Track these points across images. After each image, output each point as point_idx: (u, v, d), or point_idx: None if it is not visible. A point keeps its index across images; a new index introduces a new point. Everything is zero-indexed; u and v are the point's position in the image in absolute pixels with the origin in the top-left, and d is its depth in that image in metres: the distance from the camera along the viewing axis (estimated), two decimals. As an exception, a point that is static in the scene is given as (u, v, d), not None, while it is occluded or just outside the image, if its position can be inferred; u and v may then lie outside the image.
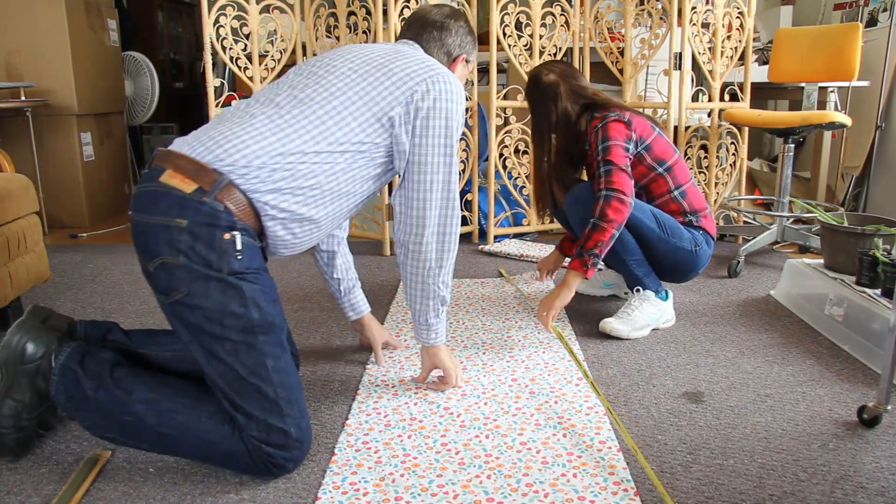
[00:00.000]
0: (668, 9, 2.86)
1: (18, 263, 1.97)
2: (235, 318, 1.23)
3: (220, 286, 1.22)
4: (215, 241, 1.22)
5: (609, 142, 1.90)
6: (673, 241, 1.95)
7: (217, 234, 1.22)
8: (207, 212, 1.22)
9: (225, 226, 1.23)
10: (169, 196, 1.23)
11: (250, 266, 1.26)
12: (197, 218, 1.22)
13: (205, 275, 1.22)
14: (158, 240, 1.22)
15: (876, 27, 3.42)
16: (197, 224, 1.22)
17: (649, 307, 1.97)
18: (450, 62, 1.62)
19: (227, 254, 1.23)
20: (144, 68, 4.15)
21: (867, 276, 1.91)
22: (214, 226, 1.22)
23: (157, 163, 1.29)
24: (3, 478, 1.28)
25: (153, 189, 1.25)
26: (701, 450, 1.36)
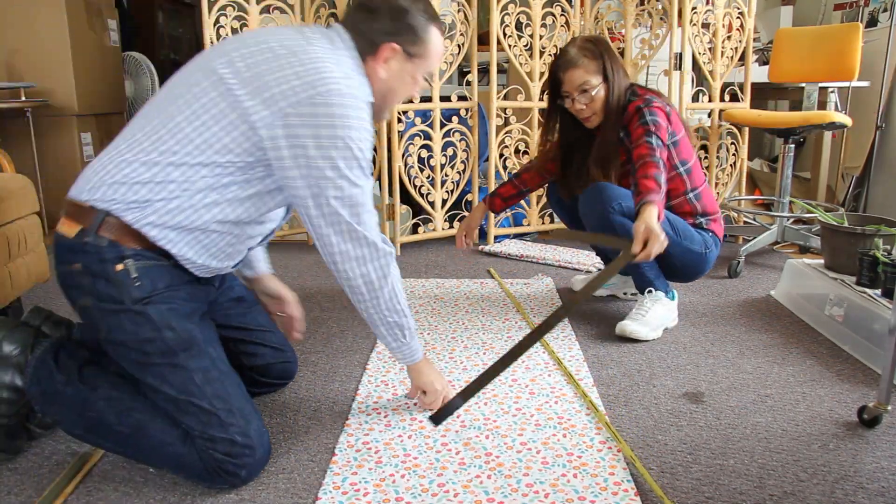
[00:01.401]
0: (669, 9, 2.87)
1: (18, 263, 1.97)
2: (151, 344, 1.21)
3: (128, 316, 1.21)
4: (109, 275, 1.20)
5: (657, 117, 1.82)
6: (685, 244, 1.95)
7: (109, 268, 1.20)
8: (92, 251, 1.21)
9: (113, 258, 1.20)
10: (61, 244, 1.24)
11: (156, 288, 1.23)
12: (87, 259, 1.21)
13: (112, 310, 1.21)
14: (68, 287, 1.25)
15: (876, 27, 3.43)
16: (88, 264, 1.21)
17: (661, 308, 1.97)
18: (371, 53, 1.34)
19: (125, 284, 1.21)
20: (144, 68, 4.15)
21: (867, 277, 1.91)
22: (104, 261, 1.20)
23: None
24: (3, 478, 1.28)
25: (54, 241, 1.27)
26: (701, 450, 1.36)
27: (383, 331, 1.38)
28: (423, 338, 1.95)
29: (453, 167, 3.00)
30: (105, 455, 1.35)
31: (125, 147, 1.24)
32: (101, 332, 1.23)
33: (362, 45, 1.34)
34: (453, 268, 2.71)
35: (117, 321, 1.21)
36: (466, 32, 2.91)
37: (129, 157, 1.22)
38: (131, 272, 1.21)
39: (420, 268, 2.71)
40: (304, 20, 2.92)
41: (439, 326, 2.05)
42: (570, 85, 1.90)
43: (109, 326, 1.22)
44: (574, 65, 1.88)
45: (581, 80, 1.88)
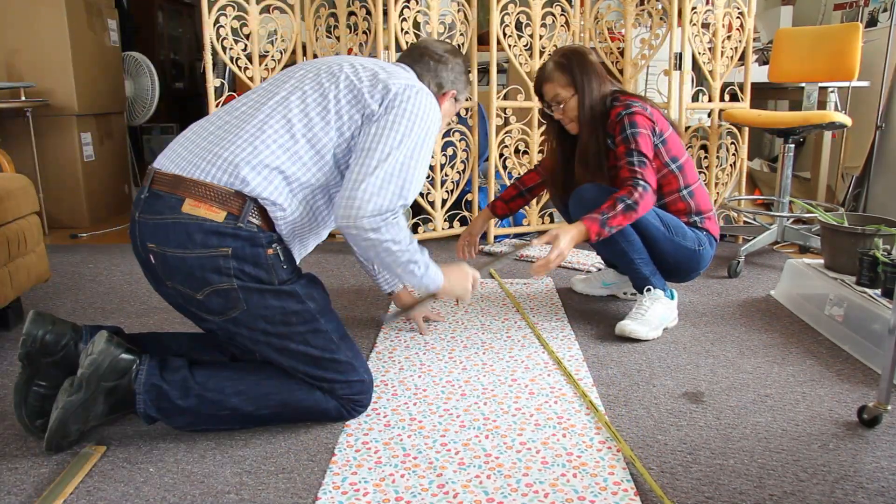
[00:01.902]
0: (669, 9, 2.87)
1: (18, 263, 1.97)
2: (297, 315, 1.36)
3: (275, 295, 1.33)
4: (260, 259, 1.32)
5: (637, 128, 1.88)
6: (677, 240, 1.95)
7: (261, 253, 1.32)
8: (246, 235, 1.30)
9: (265, 243, 1.32)
10: (202, 227, 1.29)
11: (294, 267, 1.39)
12: (237, 244, 1.30)
13: (258, 289, 1.32)
14: (204, 271, 1.29)
15: (876, 27, 3.43)
16: (240, 248, 1.30)
17: (660, 307, 1.97)
18: (439, 94, 1.63)
19: (275, 267, 1.33)
20: (144, 68, 4.15)
21: (867, 277, 1.91)
22: (256, 245, 1.31)
23: (167, 189, 1.32)
24: (3, 478, 1.28)
25: (180, 222, 1.29)
26: (701, 450, 1.36)
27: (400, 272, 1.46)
28: (423, 337, 1.95)
29: (453, 167, 3.00)
30: (105, 455, 1.35)
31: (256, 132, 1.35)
32: (235, 310, 1.32)
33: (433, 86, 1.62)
34: (453, 268, 2.71)
35: (262, 299, 1.32)
36: (466, 32, 2.91)
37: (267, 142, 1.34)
38: (280, 256, 1.35)
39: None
40: (304, 20, 2.92)
41: (439, 326, 2.05)
42: (547, 97, 2.01)
43: (251, 305, 1.32)
44: (548, 79, 1.99)
45: (553, 93, 1.98)
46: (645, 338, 1.93)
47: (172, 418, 1.36)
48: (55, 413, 1.30)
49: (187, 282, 1.31)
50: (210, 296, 1.31)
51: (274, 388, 1.39)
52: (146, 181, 1.38)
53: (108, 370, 1.31)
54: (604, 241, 1.91)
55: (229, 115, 1.42)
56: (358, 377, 1.44)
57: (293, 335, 1.36)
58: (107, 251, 3.04)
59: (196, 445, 1.38)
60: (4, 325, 2.03)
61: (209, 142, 1.37)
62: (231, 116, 1.41)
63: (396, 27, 2.71)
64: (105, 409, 1.33)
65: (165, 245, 1.30)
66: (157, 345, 1.50)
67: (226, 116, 1.42)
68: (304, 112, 1.38)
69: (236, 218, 1.30)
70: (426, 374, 1.71)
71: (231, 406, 1.36)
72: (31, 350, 1.34)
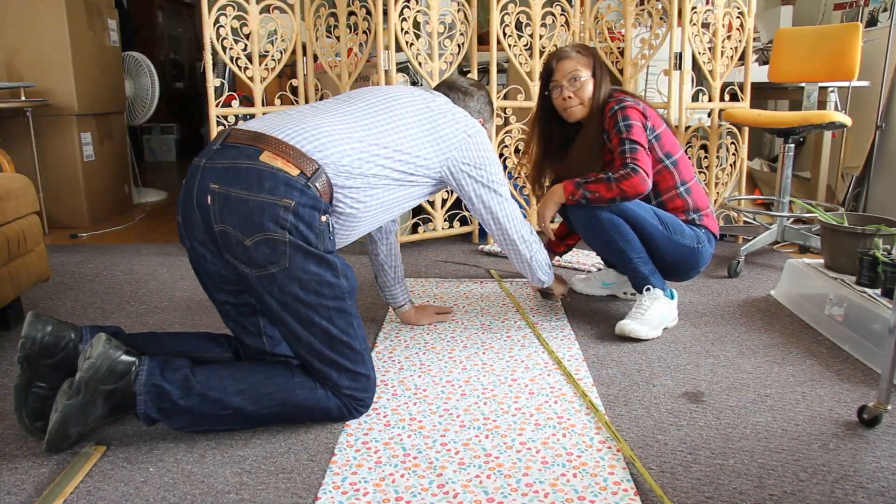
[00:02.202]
0: (668, 9, 2.86)
1: (18, 263, 1.97)
2: (330, 287, 1.39)
3: (317, 260, 1.37)
4: (314, 222, 1.37)
5: (630, 120, 1.91)
6: (675, 238, 1.95)
7: (316, 217, 1.37)
8: (312, 195, 1.37)
9: (323, 210, 1.39)
10: (275, 176, 1.34)
11: (338, 243, 1.48)
12: (302, 199, 1.35)
13: (305, 250, 1.36)
14: (264, 216, 1.33)
15: (876, 27, 3.43)
16: (301, 205, 1.35)
17: (660, 306, 1.97)
18: None
19: (324, 234, 1.39)
20: (144, 68, 4.16)
21: (867, 276, 1.91)
22: (315, 209, 1.37)
23: (246, 141, 1.40)
24: (3, 478, 1.28)
25: (255, 167, 1.35)
26: (701, 450, 1.36)
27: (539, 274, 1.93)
28: (423, 337, 1.95)
29: (453, 167, 3.00)
30: (105, 455, 1.35)
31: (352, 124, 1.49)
32: (276, 265, 1.34)
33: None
34: (453, 267, 2.71)
35: (304, 261, 1.36)
36: (466, 32, 2.91)
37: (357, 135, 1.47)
38: (330, 226, 1.41)
39: (420, 267, 2.71)
40: (304, 20, 2.92)
41: (439, 326, 2.05)
42: (561, 73, 2.00)
43: (294, 264, 1.35)
44: (567, 56, 2.01)
45: (573, 69, 1.99)
46: (645, 337, 1.93)
47: (174, 419, 1.35)
48: (54, 416, 1.30)
49: (242, 224, 1.33)
50: (259, 243, 1.33)
51: (276, 386, 1.40)
52: (219, 138, 1.44)
53: (106, 373, 1.30)
54: (601, 240, 1.92)
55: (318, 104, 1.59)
56: (365, 371, 1.46)
57: (320, 307, 1.38)
58: (107, 251, 3.04)
59: (196, 445, 1.38)
60: (4, 326, 2.03)
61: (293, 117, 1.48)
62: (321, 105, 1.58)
63: (396, 27, 2.71)
64: (104, 412, 1.33)
65: (232, 185, 1.34)
66: (156, 344, 1.49)
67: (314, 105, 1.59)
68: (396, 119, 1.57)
69: (307, 178, 1.37)
70: (426, 374, 1.71)
71: (233, 405, 1.36)
72: (31, 353, 1.34)
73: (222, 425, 1.41)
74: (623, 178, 1.83)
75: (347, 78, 2.88)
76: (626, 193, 1.84)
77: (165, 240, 3.26)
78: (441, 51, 2.88)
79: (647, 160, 1.87)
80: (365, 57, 2.83)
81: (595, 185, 1.86)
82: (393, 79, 2.73)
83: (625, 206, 1.89)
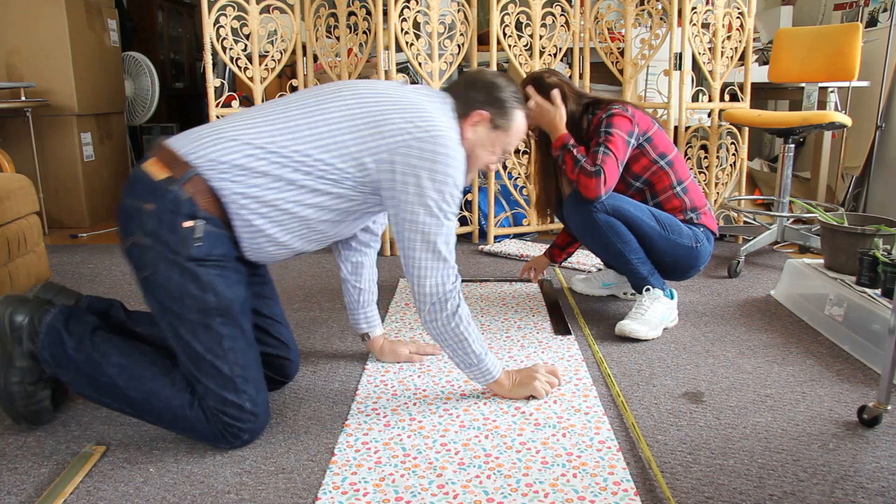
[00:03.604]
0: (668, 9, 2.86)
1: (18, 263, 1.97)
2: (193, 300, 1.31)
3: (179, 270, 1.30)
4: (176, 227, 1.30)
5: (612, 128, 1.90)
6: (673, 238, 1.95)
7: (178, 221, 1.30)
8: (172, 199, 1.30)
9: (186, 214, 1.30)
10: (143, 181, 1.33)
11: (211, 253, 1.32)
12: (162, 204, 1.30)
13: (167, 258, 1.30)
14: (132, 220, 1.32)
15: (876, 27, 3.43)
16: (162, 209, 1.30)
17: (660, 306, 1.97)
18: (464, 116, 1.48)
19: (187, 241, 1.30)
20: (144, 68, 4.16)
21: (867, 276, 1.91)
22: (176, 213, 1.30)
23: (148, 152, 1.39)
24: (3, 478, 1.28)
25: (135, 174, 1.36)
26: (701, 450, 1.36)
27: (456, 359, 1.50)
28: (423, 338, 1.95)
29: (453, 167, 3.00)
30: (105, 455, 1.35)
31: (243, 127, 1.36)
32: (146, 271, 1.32)
33: (459, 109, 1.48)
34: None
35: (167, 269, 1.30)
36: (466, 32, 2.91)
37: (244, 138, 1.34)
38: (196, 232, 1.30)
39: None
40: (304, 20, 2.92)
41: (439, 326, 2.05)
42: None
43: (158, 270, 1.31)
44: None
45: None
46: (645, 337, 1.93)
47: (63, 370, 1.38)
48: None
49: (121, 229, 1.36)
50: (132, 247, 1.34)
51: (150, 374, 1.36)
52: None
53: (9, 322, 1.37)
54: (599, 242, 1.94)
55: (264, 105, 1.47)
56: (236, 399, 1.33)
57: (185, 319, 1.32)
58: (107, 251, 3.04)
59: (196, 445, 1.38)
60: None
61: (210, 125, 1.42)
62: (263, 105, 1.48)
63: (396, 27, 2.71)
64: (29, 363, 1.38)
65: (122, 192, 1.37)
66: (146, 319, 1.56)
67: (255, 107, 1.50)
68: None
69: (173, 181, 1.30)
70: (426, 375, 1.71)
71: (108, 375, 1.35)
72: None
73: (102, 396, 1.38)
74: (584, 173, 1.86)
75: (347, 78, 2.88)
76: (578, 186, 1.88)
77: (165, 240, 3.26)
78: (441, 51, 2.88)
79: (614, 171, 1.87)
80: (365, 57, 2.83)
81: (570, 159, 1.89)
82: (393, 79, 2.73)
83: (621, 207, 1.89)
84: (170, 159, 1.32)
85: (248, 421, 1.34)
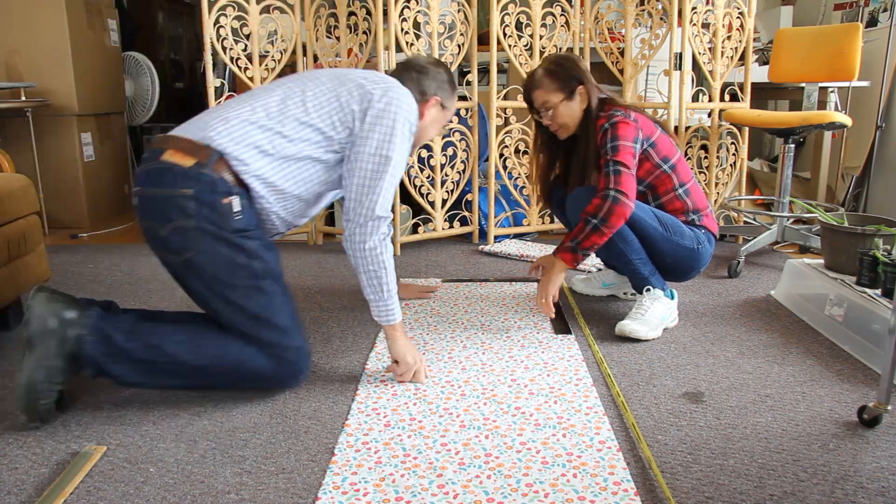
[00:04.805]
0: (669, 9, 2.86)
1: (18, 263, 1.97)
2: (243, 269, 1.48)
3: (225, 243, 1.46)
4: (217, 205, 1.45)
5: (619, 141, 1.89)
6: (675, 239, 1.95)
7: (217, 199, 1.45)
8: (207, 181, 1.45)
9: (223, 191, 1.46)
10: (171, 171, 1.46)
11: (249, 224, 1.50)
12: (199, 186, 1.44)
13: (213, 233, 1.45)
14: (169, 208, 1.44)
15: (876, 27, 3.43)
16: (200, 192, 1.44)
17: (660, 306, 1.97)
18: (422, 101, 1.76)
19: (228, 215, 1.46)
20: (144, 68, 4.15)
21: (867, 277, 1.91)
22: (214, 192, 1.45)
23: (157, 146, 1.52)
24: (3, 478, 1.28)
25: (157, 167, 1.48)
26: (701, 450, 1.36)
27: (363, 279, 1.61)
28: (422, 337, 1.95)
29: (453, 167, 3.00)
30: (105, 455, 1.35)
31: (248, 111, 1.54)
32: (189, 252, 1.46)
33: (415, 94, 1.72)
34: (453, 268, 2.71)
35: (214, 245, 1.45)
36: (466, 32, 2.91)
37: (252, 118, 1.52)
38: (234, 206, 1.47)
39: (420, 268, 2.71)
40: (304, 20, 2.92)
41: (438, 326, 2.05)
42: (537, 102, 2.03)
43: (204, 248, 1.45)
44: (537, 86, 2.01)
45: (542, 100, 2.00)
46: (645, 338, 1.93)
47: (116, 364, 1.44)
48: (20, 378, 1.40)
49: (157, 218, 1.47)
50: (172, 233, 1.45)
51: (211, 339, 1.50)
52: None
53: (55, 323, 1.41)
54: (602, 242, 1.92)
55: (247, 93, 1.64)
56: (290, 340, 1.53)
57: (236, 287, 1.47)
58: (107, 251, 3.04)
59: (196, 445, 1.38)
60: (5, 326, 2.03)
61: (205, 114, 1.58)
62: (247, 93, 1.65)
63: (396, 27, 2.71)
64: (62, 364, 1.42)
65: (145, 186, 1.49)
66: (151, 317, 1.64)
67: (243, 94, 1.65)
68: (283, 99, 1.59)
69: (202, 165, 1.45)
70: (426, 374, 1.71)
71: (170, 353, 1.46)
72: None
73: (160, 378, 1.50)
74: (608, 215, 1.82)
75: (347, 78, 2.88)
76: (617, 227, 1.85)
77: (165, 240, 3.26)
78: (441, 51, 2.88)
79: (629, 182, 1.85)
80: (365, 57, 2.83)
81: (588, 241, 1.85)
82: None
83: None
84: (190, 147, 1.47)
85: (303, 358, 1.55)
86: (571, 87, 1.97)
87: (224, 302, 1.48)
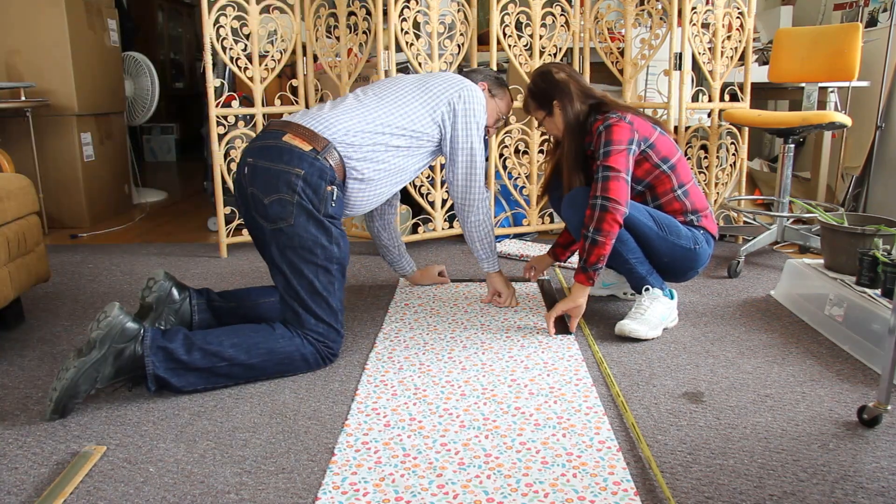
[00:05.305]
0: (668, 9, 2.86)
1: (18, 263, 1.97)
2: (323, 249, 1.69)
3: (316, 223, 1.68)
4: (320, 189, 1.69)
5: (611, 146, 1.89)
6: (671, 239, 1.95)
7: (322, 185, 1.69)
8: (319, 167, 1.70)
9: (328, 179, 1.71)
10: (291, 151, 1.69)
11: (338, 213, 1.75)
12: (311, 170, 1.68)
13: (308, 212, 1.67)
14: (280, 181, 1.67)
15: (876, 27, 3.43)
16: (310, 174, 1.68)
17: (660, 306, 1.97)
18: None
19: (327, 201, 1.70)
20: (144, 68, 4.16)
21: (867, 277, 1.91)
22: (322, 178, 1.69)
23: (276, 128, 1.77)
24: (3, 478, 1.28)
25: (278, 145, 1.71)
26: (701, 450, 1.36)
27: (477, 245, 2.14)
28: (422, 337, 1.95)
29: (453, 167, 3.00)
30: (105, 455, 1.35)
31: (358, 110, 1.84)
32: (285, 221, 1.66)
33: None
34: (453, 268, 2.71)
35: (307, 221, 1.67)
36: (466, 32, 2.91)
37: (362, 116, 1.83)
38: (333, 195, 1.72)
39: (420, 267, 2.71)
40: (304, 20, 2.92)
41: (438, 326, 2.05)
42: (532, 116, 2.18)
43: (298, 222, 1.67)
44: (526, 104, 2.15)
45: (533, 115, 2.15)
46: (645, 337, 1.93)
47: (178, 377, 1.54)
48: (66, 374, 1.46)
49: (264, 187, 1.67)
50: (274, 202, 1.66)
51: (262, 338, 1.64)
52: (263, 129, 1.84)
53: (119, 333, 1.49)
54: None
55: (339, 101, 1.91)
56: (336, 325, 1.73)
57: (311, 262, 1.68)
58: (107, 251, 3.04)
59: (196, 445, 1.38)
60: (4, 326, 2.03)
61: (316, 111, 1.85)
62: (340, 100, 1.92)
63: (396, 27, 2.71)
64: (111, 372, 1.49)
65: (260, 158, 1.71)
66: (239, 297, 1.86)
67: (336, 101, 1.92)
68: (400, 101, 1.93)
69: (318, 153, 1.70)
70: (426, 374, 1.71)
71: (228, 357, 1.58)
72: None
73: (218, 381, 1.61)
74: (599, 223, 1.84)
75: (347, 78, 2.88)
76: (612, 233, 1.86)
77: (165, 240, 3.26)
78: (441, 51, 2.88)
79: (618, 187, 1.85)
80: (365, 57, 2.83)
81: (592, 256, 1.87)
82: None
83: None
84: (308, 135, 1.72)
85: (338, 341, 1.75)
86: (549, 105, 2.05)
87: (296, 273, 1.67)
